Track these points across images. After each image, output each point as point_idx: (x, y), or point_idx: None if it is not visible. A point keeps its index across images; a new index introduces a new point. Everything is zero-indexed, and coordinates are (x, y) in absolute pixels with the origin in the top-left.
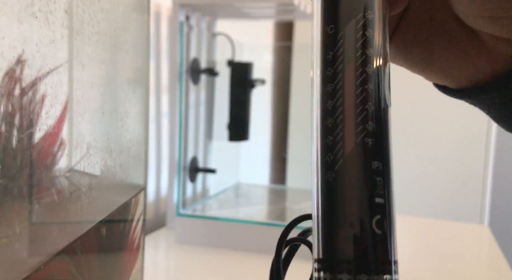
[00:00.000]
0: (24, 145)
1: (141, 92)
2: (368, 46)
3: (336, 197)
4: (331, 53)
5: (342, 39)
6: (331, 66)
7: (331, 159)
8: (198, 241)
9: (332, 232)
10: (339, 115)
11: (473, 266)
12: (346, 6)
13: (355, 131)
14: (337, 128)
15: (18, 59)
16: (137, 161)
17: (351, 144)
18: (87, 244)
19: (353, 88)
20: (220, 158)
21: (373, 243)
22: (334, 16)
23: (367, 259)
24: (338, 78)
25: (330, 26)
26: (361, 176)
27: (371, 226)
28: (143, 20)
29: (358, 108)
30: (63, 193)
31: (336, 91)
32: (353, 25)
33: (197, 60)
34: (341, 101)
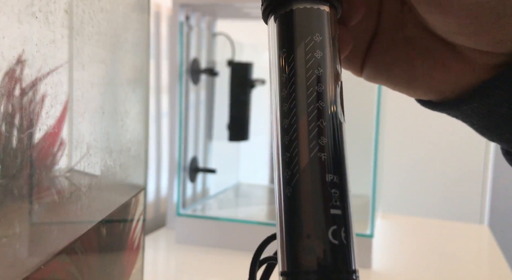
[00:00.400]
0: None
1: (141, 92)
2: (318, 66)
3: (294, 210)
4: (284, 75)
5: (294, 62)
6: (285, 87)
7: (288, 174)
8: (198, 241)
9: (292, 244)
10: (294, 132)
11: (473, 266)
12: (296, 30)
13: (309, 147)
14: (292, 145)
15: (18, 59)
16: (137, 161)
17: (305, 159)
18: (87, 244)
19: (305, 107)
20: (220, 158)
21: (331, 254)
22: (286, 39)
23: (326, 270)
24: (291, 98)
25: (282, 50)
26: (316, 189)
27: (327, 237)
28: (143, 20)
29: (310, 124)
30: (63, 193)
31: (291, 110)
32: (302, 48)
33: (197, 60)
34: (295, 120)
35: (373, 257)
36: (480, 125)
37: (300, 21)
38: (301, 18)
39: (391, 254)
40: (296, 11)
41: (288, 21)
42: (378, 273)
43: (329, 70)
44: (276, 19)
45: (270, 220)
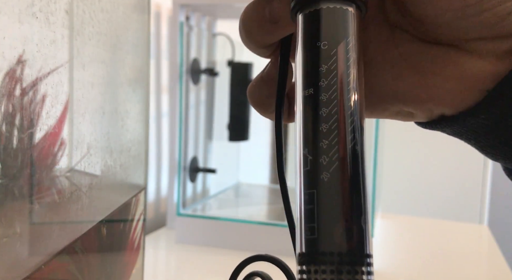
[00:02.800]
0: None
1: (142, 92)
2: (352, 66)
3: (332, 195)
4: (324, 66)
5: (336, 56)
6: (325, 78)
7: (326, 161)
8: (198, 240)
9: (327, 227)
10: (334, 122)
11: (473, 266)
12: (334, 27)
13: (348, 138)
14: (332, 134)
15: (18, 59)
16: (138, 161)
17: (345, 149)
18: (87, 244)
19: (344, 101)
20: (220, 158)
21: (358, 238)
22: (327, 34)
23: (353, 252)
24: (332, 90)
25: (323, 42)
26: (353, 179)
27: (359, 223)
28: (143, 21)
29: (349, 118)
30: (64, 193)
31: (331, 101)
32: (343, 46)
33: (197, 60)
34: (336, 110)
35: (373, 257)
36: (486, 143)
37: (338, 19)
38: (336, 17)
39: (391, 254)
40: (332, 10)
41: (323, 18)
42: (378, 273)
43: (358, 74)
44: (309, 14)
45: (270, 220)
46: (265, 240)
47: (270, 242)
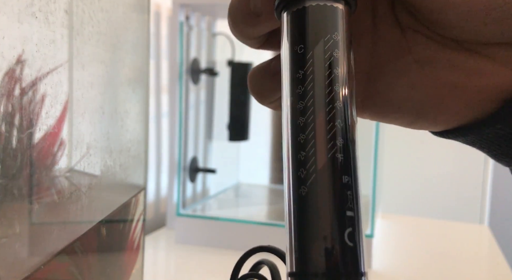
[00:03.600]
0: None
1: (141, 92)
2: (336, 66)
3: (309, 211)
4: (301, 72)
5: (312, 59)
6: (301, 84)
7: (303, 174)
8: (198, 241)
9: (305, 245)
10: (311, 131)
11: (473, 266)
12: (313, 27)
13: (327, 147)
14: (309, 144)
15: (18, 59)
16: (137, 161)
17: (323, 159)
18: (87, 244)
19: (323, 106)
20: (220, 158)
21: (345, 256)
22: (303, 36)
23: (339, 272)
24: (309, 96)
25: (299, 46)
26: (333, 190)
27: (343, 239)
28: (143, 20)
29: (328, 124)
30: (63, 193)
31: (307, 108)
32: (321, 46)
33: (197, 60)
34: (312, 118)
35: (373, 257)
36: (499, 151)
37: (320, 18)
38: (320, 15)
39: (391, 254)
40: (316, 8)
41: (306, 17)
42: (378, 273)
43: (346, 70)
44: (293, 13)
45: (270, 220)
46: (265, 240)
47: (270, 242)
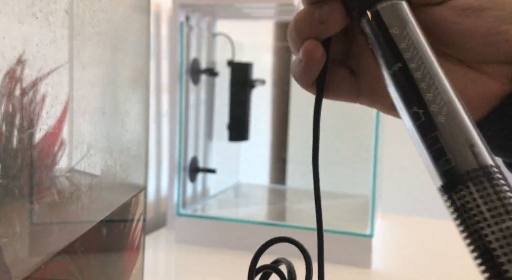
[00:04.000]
0: (24, 144)
1: (142, 92)
2: (422, 37)
3: (453, 129)
4: (403, 44)
5: (408, 34)
6: (407, 51)
7: (437, 107)
8: (198, 240)
9: (458, 152)
10: (429, 79)
11: (472, 265)
12: (398, 17)
13: (447, 88)
14: (432, 87)
15: (18, 59)
16: (137, 161)
17: (446, 92)
18: (87, 244)
19: (430, 59)
20: (220, 158)
21: (483, 152)
22: (394, 22)
23: (485, 166)
24: (417, 58)
25: (394, 28)
26: (462, 114)
27: (479, 140)
28: (143, 21)
29: (438, 68)
30: (64, 193)
31: (420, 65)
32: (413, 27)
33: (197, 60)
34: (426, 70)
35: (373, 257)
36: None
37: (395, 12)
38: (393, 11)
39: (391, 254)
40: (388, 7)
41: (387, 14)
42: (378, 273)
43: (427, 40)
44: (373, 15)
45: (270, 220)
46: (265, 239)
47: None
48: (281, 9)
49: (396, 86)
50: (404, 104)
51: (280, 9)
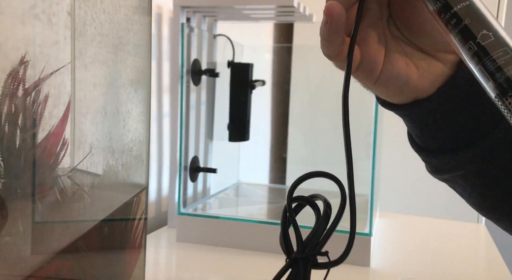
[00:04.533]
0: (27, 144)
1: (143, 93)
2: None
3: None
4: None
5: None
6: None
7: (499, 54)
8: (198, 239)
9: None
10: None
11: (470, 263)
12: None
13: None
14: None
15: (21, 60)
16: (139, 161)
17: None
18: (89, 242)
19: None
20: (221, 157)
21: None
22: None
23: None
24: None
25: None
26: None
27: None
28: (145, 22)
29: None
30: (66, 192)
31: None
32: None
33: (198, 61)
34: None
35: (372, 256)
36: (425, 122)
37: None
38: None
39: (390, 253)
40: None
41: None
42: (377, 271)
43: None
44: None
45: (270, 218)
46: (265, 238)
47: (270, 240)
48: (281, 11)
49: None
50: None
51: (280, 10)
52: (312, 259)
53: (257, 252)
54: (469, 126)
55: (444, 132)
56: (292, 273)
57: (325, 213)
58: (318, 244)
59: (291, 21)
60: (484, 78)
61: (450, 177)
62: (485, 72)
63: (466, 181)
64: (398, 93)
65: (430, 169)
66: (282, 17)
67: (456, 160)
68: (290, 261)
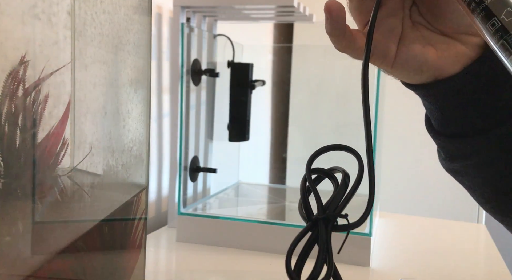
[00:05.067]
0: (27, 144)
1: (143, 93)
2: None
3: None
4: None
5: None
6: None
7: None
8: (198, 239)
9: None
10: None
11: (470, 263)
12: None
13: None
14: None
15: (21, 60)
16: (139, 161)
17: None
18: (89, 242)
19: None
20: (221, 157)
21: None
22: None
23: None
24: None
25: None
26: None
27: None
28: (145, 22)
29: None
30: (66, 192)
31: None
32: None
33: (198, 61)
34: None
35: (372, 256)
36: (449, 103)
37: None
38: None
39: (389, 253)
40: None
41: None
42: (377, 271)
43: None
44: None
45: (270, 218)
46: (265, 238)
47: (270, 240)
48: (281, 11)
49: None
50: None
51: (280, 10)
52: (333, 220)
53: (257, 252)
54: (490, 111)
55: (464, 115)
56: (312, 235)
57: (343, 180)
58: (338, 207)
59: (291, 21)
60: (506, 52)
61: (463, 166)
62: (507, 46)
63: (479, 170)
64: (419, 73)
65: (444, 156)
66: (282, 17)
67: (473, 145)
68: (311, 222)
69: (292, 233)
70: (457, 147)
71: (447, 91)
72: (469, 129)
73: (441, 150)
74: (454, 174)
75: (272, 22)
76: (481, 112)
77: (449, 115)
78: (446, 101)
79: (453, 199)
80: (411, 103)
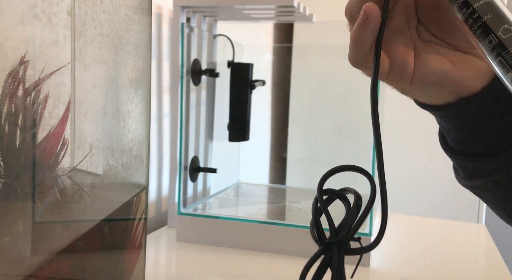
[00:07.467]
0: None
1: (143, 93)
2: None
3: None
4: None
5: None
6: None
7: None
8: (198, 239)
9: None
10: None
11: (470, 263)
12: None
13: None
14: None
15: (21, 60)
16: (139, 161)
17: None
18: (90, 242)
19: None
20: (221, 157)
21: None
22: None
23: None
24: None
25: None
26: None
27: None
28: (145, 22)
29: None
30: (66, 192)
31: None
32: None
33: (198, 61)
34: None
35: (372, 255)
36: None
37: None
38: None
39: (389, 252)
40: None
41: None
42: (377, 271)
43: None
44: None
45: (270, 218)
46: (265, 238)
47: (270, 240)
48: (281, 11)
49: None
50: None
51: (280, 10)
52: (346, 243)
53: (257, 252)
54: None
55: (487, 133)
56: (325, 259)
57: (355, 203)
58: (350, 231)
59: (291, 21)
60: (504, 70)
61: (483, 183)
62: (505, 64)
63: (500, 187)
64: (439, 89)
65: (464, 175)
66: (282, 17)
67: (494, 164)
68: (323, 246)
69: (292, 233)
70: (479, 166)
71: (471, 109)
72: (492, 148)
73: (460, 169)
74: (472, 189)
75: (272, 22)
76: (504, 130)
77: (469, 135)
78: (468, 121)
79: (453, 199)
80: (411, 103)
